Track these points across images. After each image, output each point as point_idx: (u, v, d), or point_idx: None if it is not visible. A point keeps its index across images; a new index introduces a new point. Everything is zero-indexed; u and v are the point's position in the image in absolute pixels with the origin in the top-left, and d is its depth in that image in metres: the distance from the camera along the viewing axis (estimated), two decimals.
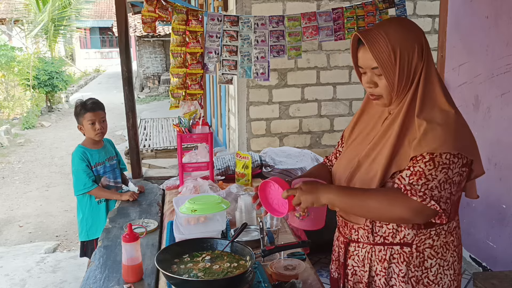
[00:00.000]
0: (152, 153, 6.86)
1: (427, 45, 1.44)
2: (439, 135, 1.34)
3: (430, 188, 1.33)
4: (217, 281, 1.50)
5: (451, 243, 1.49)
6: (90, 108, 2.80)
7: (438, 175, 1.33)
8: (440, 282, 1.48)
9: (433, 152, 1.33)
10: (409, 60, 1.40)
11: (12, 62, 12.70)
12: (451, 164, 1.33)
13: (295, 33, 3.16)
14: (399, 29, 1.41)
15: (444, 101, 1.40)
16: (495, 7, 3.04)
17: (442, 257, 1.47)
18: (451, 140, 1.34)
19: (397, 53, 1.38)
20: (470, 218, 3.42)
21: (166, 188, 2.98)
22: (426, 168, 1.34)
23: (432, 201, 1.32)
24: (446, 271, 1.49)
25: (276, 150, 3.71)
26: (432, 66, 1.44)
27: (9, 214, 5.70)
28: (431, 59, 1.44)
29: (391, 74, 1.40)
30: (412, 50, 1.40)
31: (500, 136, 3.07)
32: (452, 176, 1.34)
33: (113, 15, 10.53)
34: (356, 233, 1.55)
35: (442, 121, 1.36)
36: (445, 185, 1.33)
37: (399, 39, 1.39)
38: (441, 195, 1.33)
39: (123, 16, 3.07)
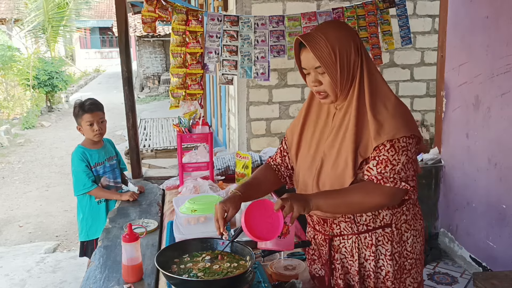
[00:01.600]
0: (152, 153, 6.86)
1: (361, 43, 1.58)
2: (393, 122, 1.49)
3: (397, 172, 1.49)
4: (217, 281, 1.50)
5: (418, 213, 1.68)
6: (88, 109, 2.79)
7: (401, 158, 1.49)
8: (415, 251, 1.65)
9: (392, 139, 1.47)
10: (348, 57, 1.53)
11: (10, 62, 12.69)
12: (408, 145, 1.50)
13: (295, 33, 3.16)
14: (336, 30, 1.55)
15: (388, 90, 1.56)
16: (495, 7, 3.04)
17: (414, 228, 1.64)
18: (403, 125, 1.49)
19: (336, 52, 1.51)
20: (470, 218, 3.42)
21: (166, 188, 2.98)
22: (389, 155, 1.48)
23: (402, 182, 1.49)
24: (418, 239, 1.66)
25: (276, 150, 3.70)
26: (370, 61, 1.58)
27: (9, 214, 5.70)
28: (367, 55, 1.58)
29: (333, 71, 1.52)
30: (349, 47, 1.53)
31: (500, 136, 3.07)
32: (411, 155, 1.51)
33: (113, 15, 10.55)
34: (338, 227, 1.63)
35: (391, 109, 1.52)
36: (408, 165, 1.50)
37: (337, 39, 1.52)
38: (407, 175, 1.50)
39: (123, 16, 3.07)
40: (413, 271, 1.66)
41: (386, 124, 1.49)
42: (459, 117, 3.50)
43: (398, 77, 4.88)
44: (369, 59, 1.58)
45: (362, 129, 1.53)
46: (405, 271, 1.63)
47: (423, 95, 4.97)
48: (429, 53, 4.87)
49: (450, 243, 3.67)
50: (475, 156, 3.33)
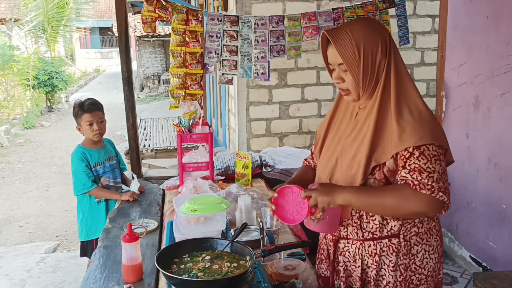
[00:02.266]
0: (152, 153, 6.86)
1: (392, 43, 1.50)
2: (417, 129, 1.40)
3: (435, 180, 1.39)
4: (217, 281, 1.50)
5: (434, 228, 1.57)
6: (87, 109, 2.79)
7: (435, 167, 1.39)
8: (426, 266, 1.55)
9: (419, 146, 1.39)
10: (373, 57, 1.46)
11: (10, 62, 12.69)
12: (440, 155, 1.41)
13: (295, 33, 3.16)
14: (364, 27, 1.48)
15: (416, 96, 1.47)
16: (495, 7, 3.04)
17: (427, 243, 1.55)
18: (430, 132, 1.41)
19: (361, 50, 1.45)
20: (470, 218, 3.42)
21: (166, 188, 2.98)
22: (421, 163, 1.39)
23: (440, 192, 1.39)
24: (432, 255, 1.56)
25: (276, 150, 3.71)
26: (399, 62, 1.50)
27: (9, 214, 5.70)
28: (398, 57, 1.51)
29: (355, 69, 1.47)
30: (376, 47, 1.46)
31: (500, 136, 3.07)
32: (444, 166, 1.42)
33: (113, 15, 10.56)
34: (345, 229, 1.60)
35: (417, 116, 1.43)
36: (444, 176, 1.41)
37: (363, 37, 1.46)
38: (445, 186, 1.40)
39: (123, 16, 3.07)
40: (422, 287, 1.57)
41: (409, 130, 1.40)
42: (459, 117, 3.50)
43: None
44: (398, 60, 1.50)
45: (382, 133, 1.46)
46: (411, 285, 1.55)
47: (423, 95, 4.92)
48: (429, 53, 4.87)
49: (450, 243, 3.67)
50: (475, 156, 3.33)
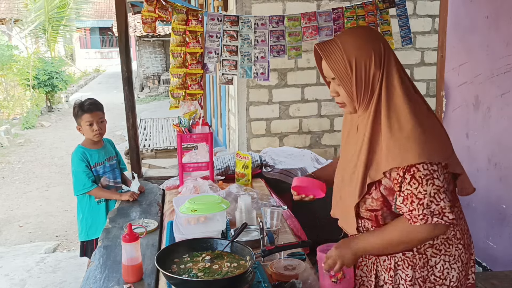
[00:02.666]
0: (152, 153, 6.86)
1: (387, 53, 1.44)
2: (406, 147, 1.34)
3: (426, 206, 1.34)
4: (217, 281, 1.50)
5: (453, 237, 1.49)
6: (87, 109, 2.79)
7: (427, 189, 1.33)
8: (447, 277, 1.49)
9: (409, 168, 1.33)
10: (366, 70, 1.40)
11: (10, 62, 12.68)
12: (433, 173, 1.33)
13: (295, 33, 3.16)
14: (356, 39, 1.42)
15: (407, 110, 1.38)
16: (495, 7, 3.04)
17: (446, 253, 1.48)
18: (419, 150, 1.33)
19: (352, 64, 1.40)
20: (470, 218, 3.41)
21: (166, 188, 2.98)
22: (413, 188, 1.34)
23: (434, 218, 1.34)
24: (453, 265, 1.49)
25: (276, 150, 3.71)
26: (393, 74, 1.42)
27: (9, 214, 5.70)
28: (391, 67, 1.43)
29: (348, 84, 1.42)
30: (369, 60, 1.40)
31: (500, 136, 3.07)
32: (441, 184, 1.34)
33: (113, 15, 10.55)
34: None
35: (407, 131, 1.35)
36: (440, 195, 1.34)
37: (355, 50, 1.40)
38: (441, 207, 1.34)
39: (123, 16, 3.07)
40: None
41: (396, 148, 1.35)
42: (459, 117, 3.50)
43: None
44: (392, 72, 1.43)
45: (376, 149, 1.41)
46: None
47: (423, 95, 4.96)
48: (429, 53, 4.87)
49: None
50: (475, 156, 3.33)
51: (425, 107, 1.46)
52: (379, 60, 1.41)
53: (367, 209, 1.47)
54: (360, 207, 1.48)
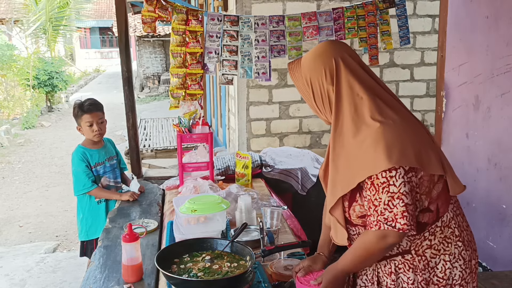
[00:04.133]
0: (152, 153, 6.86)
1: (340, 67, 1.47)
2: (365, 159, 1.37)
3: (380, 213, 1.38)
4: (217, 281, 1.50)
5: (451, 235, 1.49)
6: (87, 109, 2.78)
7: (382, 196, 1.36)
8: (450, 277, 1.49)
9: (371, 176, 1.37)
10: (320, 86, 1.48)
11: (10, 62, 12.69)
12: (389, 180, 1.35)
13: (295, 33, 3.16)
14: (311, 57, 1.51)
15: (367, 116, 1.40)
16: (495, 7, 3.04)
17: (445, 252, 1.48)
18: (378, 159, 1.35)
19: (308, 81, 1.50)
20: (470, 218, 3.41)
21: (166, 188, 2.98)
22: (371, 195, 1.39)
23: (386, 225, 1.37)
24: (455, 263, 1.49)
25: (276, 150, 3.71)
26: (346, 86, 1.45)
27: (9, 214, 5.70)
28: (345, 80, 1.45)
29: (309, 99, 1.54)
30: (321, 76, 1.47)
31: (500, 136, 3.07)
32: (397, 190, 1.35)
33: (113, 15, 10.53)
34: None
35: (366, 142, 1.38)
36: (393, 201, 1.36)
37: (309, 69, 1.50)
38: (394, 214, 1.36)
39: (123, 16, 3.07)
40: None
41: (358, 160, 1.40)
42: (459, 117, 3.50)
43: (398, 77, 4.88)
44: (346, 83, 1.45)
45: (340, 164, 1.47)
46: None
47: (423, 95, 4.97)
48: (429, 53, 4.87)
49: None
50: (475, 156, 3.33)
51: (396, 107, 1.46)
52: (330, 76, 1.46)
53: (357, 216, 1.48)
54: (351, 215, 1.49)
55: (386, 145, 1.35)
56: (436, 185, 1.45)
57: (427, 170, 1.41)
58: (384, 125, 1.38)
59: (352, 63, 1.48)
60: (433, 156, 1.43)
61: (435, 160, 1.43)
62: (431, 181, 1.43)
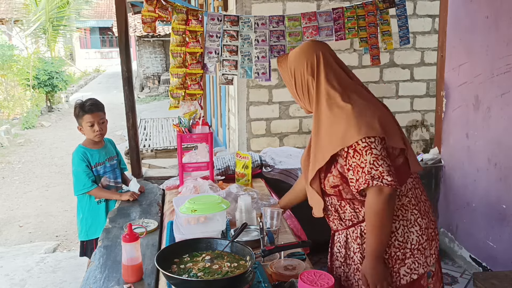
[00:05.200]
0: (152, 153, 6.86)
1: (320, 62, 1.72)
2: (344, 130, 1.60)
3: (367, 172, 1.57)
4: (217, 281, 1.50)
5: (408, 203, 1.70)
6: (88, 110, 2.78)
7: (367, 158, 1.57)
8: (407, 240, 1.69)
9: (351, 145, 1.58)
10: (302, 76, 1.73)
11: (10, 62, 12.69)
12: (370, 144, 1.57)
13: (295, 33, 3.16)
14: (296, 52, 1.77)
15: (340, 100, 1.65)
16: (495, 7, 3.04)
17: (403, 218, 1.69)
18: (356, 129, 1.58)
19: (292, 72, 1.76)
20: (470, 218, 3.42)
21: (166, 188, 2.98)
22: (356, 159, 1.59)
23: (375, 181, 1.56)
24: (411, 228, 1.70)
25: (276, 150, 3.71)
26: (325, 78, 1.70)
27: (9, 214, 5.70)
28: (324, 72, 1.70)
29: (291, 88, 1.79)
30: (303, 68, 1.73)
31: (500, 136, 3.07)
32: (378, 153, 1.57)
33: (113, 15, 10.54)
34: (333, 223, 1.83)
35: (343, 117, 1.62)
36: (378, 161, 1.57)
37: (294, 61, 1.75)
38: (379, 171, 1.56)
39: (123, 16, 3.07)
40: (409, 261, 1.70)
41: (338, 132, 1.61)
42: (459, 117, 3.50)
43: (398, 77, 4.87)
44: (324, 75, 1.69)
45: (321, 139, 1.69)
46: (398, 261, 1.69)
47: (423, 95, 4.97)
48: (429, 53, 4.87)
49: (450, 243, 3.67)
50: (475, 156, 3.33)
51: (362, 93, 1.72)
52: (311, 69, 1.72)
53: (330, 186, 1.71)
54: (326, 185, 1.72)
55: (356, 121, 1.60)
56: (397, 158, 1.68)
57: (390, 141, 1.64)
58: (353, 106, 1.63)
59: (330, 59, 1.74)
60: (395, 131, 1.68)
61: (397, 135, 1.68)
62: (393, 154, 1.66)
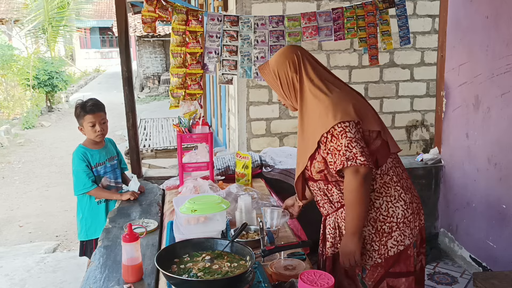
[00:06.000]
0: (152, 153, 6.86)
1: (300, 59, 1.86)
2: (322, 117, 1.75)
3: (342, 154, 1.71)
4: (217, 281, 1.50)
5: (390, 180, 1.83)
6: (89, 110, 2.77)
7: (342, 141, 1.71)
8: (393, 214, 1.82)
9: (328, 131, 1.73)
10: (286, 74, 1.86)
11: (10, 62, 12.69)
12: (345, 128, 1.71)
13: (295, 33, 3.16)
14: (277, 55, 1.91)
15: (320, 92, 1.79)
16: (495, 7, 3.04)
17: (386, 195, 1.82)
18: (332, 116, 1.72)
19: (276, 74, 1.88)
20: (470, 218, 3.42)
21: (166, 188, 2.98)
22: (333, 143, 1.73)
23: (349, 161, 1.69)
24: (396, 203, 1.82)
25: (276, 150, 3.71)
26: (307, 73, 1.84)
27: (9, 214, 5.70)
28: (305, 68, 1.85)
29: (277, 89, 1.90)
30: (286, 67, 1.86)
31: (500, 136, 3.07)
32: (352, 136, 1.71)
33: (113, 15, 10.55)
34: (324, 209, 1.94)
35: (321, 106, 1.76)
36: (352, 143, 1.70)
37: (276, 63, 1.89)
38: (353, 153, 1.69)
39: (123, 16, 3.07)
40: (395, 234, 1.82)
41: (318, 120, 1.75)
42: (459, 117, 3.50)
43: (398, 77, 4.88)
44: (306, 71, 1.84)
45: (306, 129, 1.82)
46: (384, 234, 1.82)
47: (423, 95, 4.97)
48: (429, 53, 4.87)
49: (450, 243, 3.67)
50: (475, 156, 3.33)
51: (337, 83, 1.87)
52: (293, 67, 1.85)
53: (317, 171, 1.83)
54: (312, 172, 1.85)
55: (333, 108, 1.74)
56: (375, 141, 1.81)
57: (366, 125, 1.77)
58: (331, 95, 1.78)
59: (308, 56, 1.89)
60: (371, 116, 1.82)
61: (372, 119, 1.81)
62: (371, 137, 1.79)
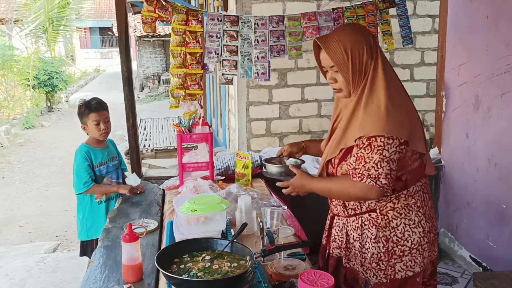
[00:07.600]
0: (152, 153, 6.87)
1: (376, 45, 1.71)
2: (373, 121, 1.61)
3: (367, 169, 1.61)
4: (217, 281, 1.50)
5: (413, 204, 1.74)
6: (94, 108, 2.78)
7: (374, 156, 1.60)
8: (408, 239, 1.73)
9: (370, 137, 1.60)
10: (360, 58, 1.67)
11: (10, 62, 12.69)
12: (385, 145, 1.60)
13: (295, 33, 3.16)
14: (350, 32, 1.71)
15: (384, 92, 1.64)
16: (495, 7, 3.04)
17: (406, 217, 1.73)
18: (382, 125, 1.59)
19: (348, 53, 1.67)
20: (470, 218, 3.42)
21: (166, 188, 2.98)
22: (365, 153, 1.62)
23: (369, 179, 1.60)
24: (414, 229, 1.73)
25: (276, 150, 3.70)
26: (380, 62, 1.69)
27: (9, 214, 5.70)
28: (379, 56, 1.70)
29: (345, 70, 1.69)
30: (362, 49, 1.67)
31: (500, 136, 3.07)
32: (388, 155, 1.60)
33: (113, 15, 10.54)
34: (335, 208, 1.87)
35: (383, 109, 1.61)
36: (382, 163, 1.60)
37: (349, 41, 1.68)
38: (378, 173, 1.60)
39: (123, 16, 3.07)
40: (406, 259, 1.74)
41: (368, 121, 1.62)
42: (459, 117, 3.50)
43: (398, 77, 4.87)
44: (380, 60, 1.68)
45: (353, 122, 1.68)
46: (394, 256, 1.73)
47: (423, 95, 4.97)
48: (429, 53, 4.87)
49: (450, 243, 3.67)
50: (475, 156, 3.33)
51: (402, 92, 1.73)
52: (369, 50, 1.68)
53: (342, 174, 1.74)
54: (337, 172, 1.76)
55: (386, 117, 1.60)
56: (415, 162, 1.71)
57: (413, 145, 1.66)
58: (391, 101, 1.63)
59: (378, 44, 1.76)
60: (420, 136, 1.69)
61: (421, 141, 1.70)
62: (412, 158, 1.69)
